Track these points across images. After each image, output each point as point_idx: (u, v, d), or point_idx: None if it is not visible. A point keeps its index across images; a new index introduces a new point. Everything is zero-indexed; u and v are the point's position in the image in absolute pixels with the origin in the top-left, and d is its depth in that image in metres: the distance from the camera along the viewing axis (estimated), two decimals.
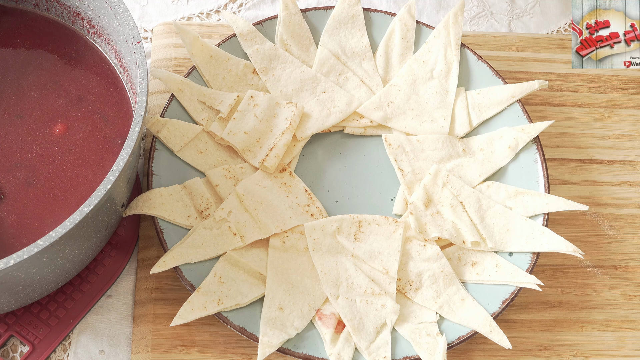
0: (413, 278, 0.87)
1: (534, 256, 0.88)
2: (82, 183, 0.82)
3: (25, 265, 0.69)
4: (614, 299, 0.93)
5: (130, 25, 0.80)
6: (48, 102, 0.86)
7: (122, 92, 0.87)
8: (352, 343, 0.83)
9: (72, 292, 0.87)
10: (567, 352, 0.90)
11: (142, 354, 0.85)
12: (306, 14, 0.99)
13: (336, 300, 0.85)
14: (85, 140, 0.84)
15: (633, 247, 0.96)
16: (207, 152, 0.92)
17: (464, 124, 0.96)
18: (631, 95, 1.05)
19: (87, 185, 0.82)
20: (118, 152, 0.83)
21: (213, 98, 0.93)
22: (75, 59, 0.88)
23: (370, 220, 0.90)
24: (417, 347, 0.83)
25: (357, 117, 0.96)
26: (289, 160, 0.93)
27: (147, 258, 0.89)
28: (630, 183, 1.00)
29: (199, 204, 0.88)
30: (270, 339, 0.82)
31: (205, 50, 0.95)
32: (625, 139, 1.02)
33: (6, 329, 0.84)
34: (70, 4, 0.87)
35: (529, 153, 0.94)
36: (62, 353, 0.86)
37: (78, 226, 0.70)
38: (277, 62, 0.96)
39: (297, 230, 0.89)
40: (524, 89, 0.96)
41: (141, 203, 0.85)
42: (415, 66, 0.97)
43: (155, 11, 1.07)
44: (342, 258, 0.88)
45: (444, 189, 0.91)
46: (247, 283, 0.85)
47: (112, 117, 0.85)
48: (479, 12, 1.12)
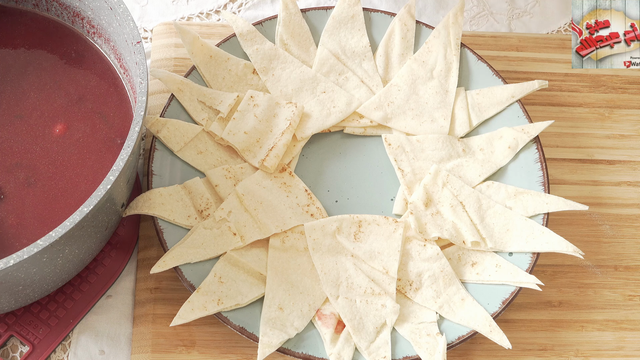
0: (413, 278, 0.87)
1: (534, 256, 0.88)
2: (82, 183, 0.82)
3: (25, 265, 0.69)
4: (614, 299, 0.93)
5: (130, 25, 0.79)
6: (48, 102, 0.86)
7: (122, 92, 0.87)
8: (352, 343, 0.83)
9: (72, 292, 0.87)
10: (567, 352, 0.90)
11: (142, 354, 0.85)
12: (306, 14, 0.99)
13: (336, 300, 0.85)
14: (85, 140, 0.84)
15: (633, 247, 0.96)
16: (207, 152, 0.92)
17: (464, 124, 0.96)
18: (631, 95, 1.05)
19: (87, 185, 0.82)
20: (118, 152, 0.83)
21: (213, 98, 0.93)
22: (75, 59, 0.88)
23: (370, 220, 0.90)
24: (417, 347, 0.83)
25: (357, 117, 0.96)
26: (289, 160, 0.93)
27: (147, 258, 0.89)
28: (630, 183, 1.00)
29: (199, 204, 0.88)
30: (270, 339, 0.82)
31: (205, 50, 0.95)
32: (625, 139, 1.02)
33: (6, 329, 0.84)
34: (70, 4, 0.87)
35: (529, 153, 0.94)
36: (62, 353, 0.86)
37: (78, 226, 0.70)
38: (277, 62, 0.96)
39: (297, 230, 0.89)
40: (524, 89, 0.96)
41: (141, 203, 0.85)
42: (415, 66, 0.97)
43: (155, 11, 1.07)
44: (342, 258, 0.88)
45: (444, 189, 0.91)
46: (247, 283, 0.85)
47: (112, 117, 0.85)
48: (479, 12, 1.12)
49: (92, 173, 0.82)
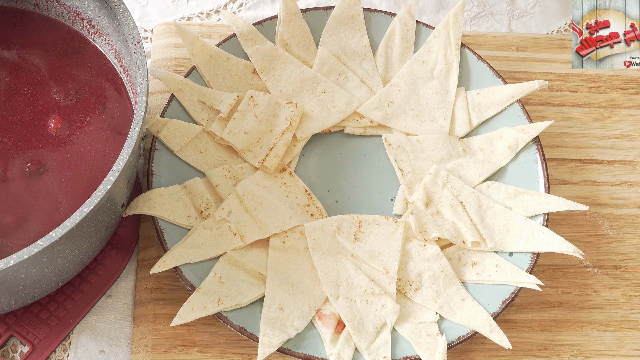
0: (413, 278, 0.87)
1: (534, 256, 0.88)
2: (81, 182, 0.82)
3: (25, 265, 0.69)
4: (614, 299, 0.93)
5: (130, 25, 0.79)
6: (47, 101, 0.85)
7: (122, 92, 0.87)
8: (352, 343, 0.83)
9: (72, 292, 0.87)
10: (567, 352, 0.90)
11: (142, 354, 0.85)
12: (306, 14, 0.99)
13: (336, 300, 0.85)
14: (84, 139, 0.84)
15: (633, 247, 0.96)
16: (207, 152, 0.92)
17: (464, 124, 0.96)
18: (631, 95, 1.05)
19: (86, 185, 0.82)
20: (117, 152, 0.83)
21: (213, 98, 0.93)
22: (75, 59, 0.88)
23: (370, 220, 0.90)
24: (417, 347, 0.83)
25: (357, 117, 0.96)
26: (289, 160, 0.93)
27: (147, 258, 0.89)
28: (630, 183, 1.00)
29: (199, 204, 0.88)
30: (270, 339, 0.82)
31: (205, 50, 0.95)
32: (625, 139, 1.02)
33: (6, 329, 0.84)
34: (70, 4, 0.87)
35: (529, 153, 0.94)
36: (62, 353, 0.86)
37: (78, 226, 0.70)
38: (277, 62, 0.96)
39: (297, 230, 0.89)
40: (524, 89, 0.96)
41: (141, 203, 0.85)
42: (415, 66, 0.97)
43: (155, 11, 1.07)
44: (342, 258, 0.88)
45: (444, 189, 0.91)
46: (247, 283, 0.85)
47: (112, 117, 0.85)
48: (479, 12, 1.12)
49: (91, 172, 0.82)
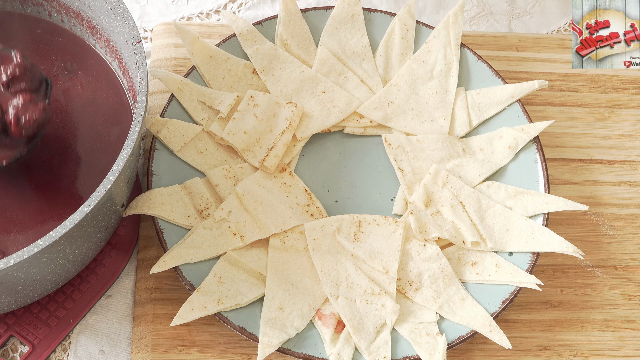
0: (413, 278, 0.87)
1: (534, 256, 0.88)
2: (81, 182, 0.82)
3: (25, 265, 0.69)
4: (614, 299, 0.93)
5: (130, 25, 0.79)
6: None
7: (122, 92, 0.87)
8: (352, 343, 0.83)
9: (72, 292, 0.87)
10: (567, 352, 0.90)
11: (142, 354, 0.85)
12: (306, 14, 0.99)
13: (336, 300, 0.85)
14: (83, 139, 0.84)
15: (633, 247, 0.96)
16: (207, 152, 0.92)
17: (464, 123, 0.96)
18: (631, 95, 1.05)
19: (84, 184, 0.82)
20: (117, 153, 0.83)
21: (213, 98, 0.93)
22: (74, 58, 0.88)
23: (370, 220, 0.90)
24: (417, 347, 0.83)
25: (357, 117, 0.96)
26: (289, 160, 0.93)
27: (147, 258, 0.89)
28: (630, 183, 1.00)
29: (199, 204, 0.88)
30: (270, 339, 0.82)
31: (205, 50, 0.95)
32: (625, 139, 1.02)
33: (6, 329, 0.84)
34: (70, 4, 0.87)
35: (529, 153, 0.94)
36: (62, 353, 0.86)
37: (78, 226, 0.70)
38: (277, 62, 0.96)
39: (297, 230, 0.89)
40: (523, 89, 0.96)
41: (141, 203, 0.85)
42: (415, 66, 0.97)
43: (155, 11, 1.07)
44: (342, 258, 0.88)
45: (444, 188, 0.91)
46: (247, 283, 0.85)
47: (111, 117, 0.85)
48: (479, 12, 1.12)
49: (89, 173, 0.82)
